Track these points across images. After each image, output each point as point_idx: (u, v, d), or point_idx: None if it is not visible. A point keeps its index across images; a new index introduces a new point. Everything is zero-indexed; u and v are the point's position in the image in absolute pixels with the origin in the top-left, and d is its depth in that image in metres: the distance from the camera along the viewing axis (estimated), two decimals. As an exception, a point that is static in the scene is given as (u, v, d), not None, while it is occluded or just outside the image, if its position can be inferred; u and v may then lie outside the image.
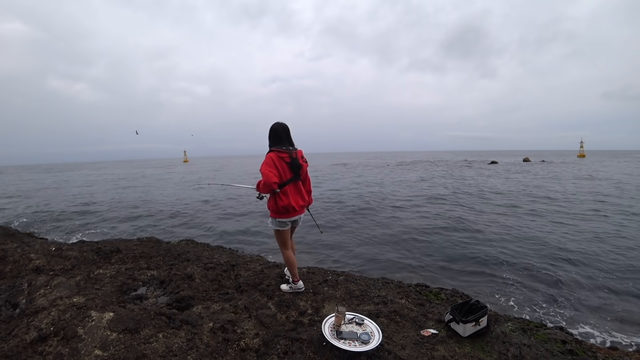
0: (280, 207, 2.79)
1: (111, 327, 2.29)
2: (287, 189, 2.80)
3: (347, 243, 7.68)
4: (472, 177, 24.44)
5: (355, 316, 2.50)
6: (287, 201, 2.78)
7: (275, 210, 2.83)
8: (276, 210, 2.82)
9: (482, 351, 2.42)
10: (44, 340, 2.16)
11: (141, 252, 4.80)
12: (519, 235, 7.97)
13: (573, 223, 9.20)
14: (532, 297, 4.76)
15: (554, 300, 4.64)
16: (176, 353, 2.14)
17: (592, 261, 6.16)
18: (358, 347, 2.13)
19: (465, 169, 34.12)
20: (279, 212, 2.82)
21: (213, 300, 3.17)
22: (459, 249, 7.08)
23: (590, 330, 3.89)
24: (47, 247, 4.68)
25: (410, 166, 42.37)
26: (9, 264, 3.87)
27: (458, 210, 11.47)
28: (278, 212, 2.83)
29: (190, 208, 13.04)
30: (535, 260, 6.20)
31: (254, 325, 2.61)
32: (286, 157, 2.78)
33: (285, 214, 2.84)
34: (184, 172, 42.11)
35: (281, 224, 2.90)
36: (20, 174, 50.32)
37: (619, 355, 2.55)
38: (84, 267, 4.03)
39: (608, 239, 7.55)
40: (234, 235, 8.80)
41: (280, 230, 2.94)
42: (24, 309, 2.68)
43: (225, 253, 5.50)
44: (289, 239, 3.07)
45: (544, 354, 2.41)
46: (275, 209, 2.82)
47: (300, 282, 3.16)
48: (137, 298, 3.27)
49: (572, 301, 4.63)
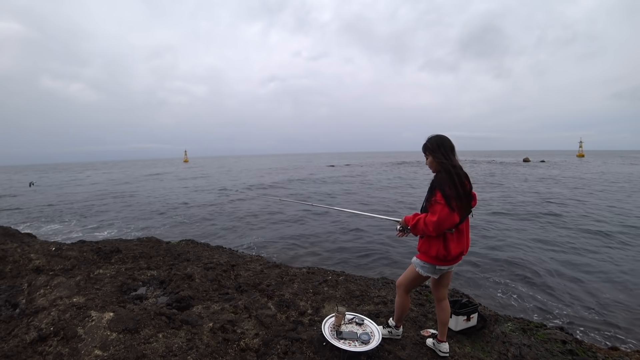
0: (451, 253, 1.99)
1: (111, 327, 2.29)
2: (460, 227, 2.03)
3: (347, 243, 7.68)
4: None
5: (355, 316, 2.50)
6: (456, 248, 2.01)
7: (436, 257, 2.02)
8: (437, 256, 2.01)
9: (482, 351, 2.42)
10: (44, 340, 2.15)
11: (141, 252, 4.79)
12: (519, 236, 7.97)
13: (572, 223, 9.22)
14: (532, 297, 4.76)
15: (554, 301, 4.64)
16: (176, 353, 2.13)
17: (592, 261, 6.16)
18: (358, 347, 2.13)
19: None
20: (440, 259, 2.03)
21: (213, 300, 3.17)
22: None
23: (590, 330, 3.89)
24: (47, 247, 4.68)
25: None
26: (9, 264, 3.87)
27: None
28: (438, 259, 2.03)
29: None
30: (535, 260, 6.20)
31: (254, 325, 2.61)
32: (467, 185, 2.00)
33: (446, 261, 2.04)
34: (198, 175, 35.96)
35: (438, 271, 2.10)
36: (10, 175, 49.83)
37: (619, 355, 2.55)
38: (84, 267, 4.03)
39: (607, 239, 7.55)
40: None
41: (429, 276, 2.15)
42: (24, 309, 2.67)
43: (225, 253, 5.50)
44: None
45: (544, 354, 2.41)
46: (437, 255, 2.01)
47: (401, 329, 2.50)
48: (137, 298, 3.27)
49: (572, 301, 4.63)
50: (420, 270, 2.11)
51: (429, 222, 1.90)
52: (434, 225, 1.88)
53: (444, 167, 1.97)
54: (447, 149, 2.00)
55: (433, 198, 1.92)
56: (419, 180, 23.87)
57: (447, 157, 1.98)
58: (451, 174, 1.92)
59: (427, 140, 2.08)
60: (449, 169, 1.94)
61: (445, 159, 1.97)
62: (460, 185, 1.91)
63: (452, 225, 1.91)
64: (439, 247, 1.98)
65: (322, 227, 9.35)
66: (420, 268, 2.11)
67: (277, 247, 7.57)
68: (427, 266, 2.08)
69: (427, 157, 2.09)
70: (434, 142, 2.03)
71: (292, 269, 4.28)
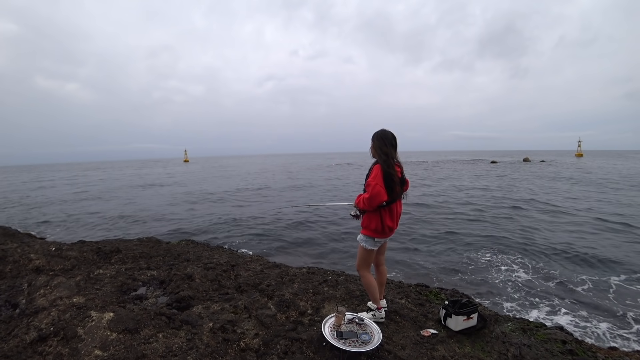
0: (386, 227, 2.46)
1: (111, 327, 2.29)
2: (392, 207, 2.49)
3: (348, 243, 7.68)
4: (467, 178, 24.45)
5: (355, 316, 2.50)
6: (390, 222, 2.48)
7: (375, 229, 2.48)
8: (376, 229, 2.47)
9: (482, 351, 2.42)
10: (44, 340, 2.15)
11: (141, 252, 4.80)
12: (519, 236, 7.98)
13: (570, 222, 9.22)
14: (532, 297, 4.76)
15: (554, 300, 4.64)
16: (176, 353, 2.14)
17: (592, 261, 6.16)
18: (358, 347, 2.13)
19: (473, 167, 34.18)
20: (378, 232, 2.48)
21: (213, 300, 3.17)
22: (459, 249, 7.08)
23: (590, 330, 3.89)
24: (47, 247, 4.68)
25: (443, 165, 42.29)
26: (9, 264, 3.87)
27: (460, 209, 11.48)
28: (377, 232, 2.48)
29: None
30: (535, 261, 6.20)
31: (254, 325, 2.61)
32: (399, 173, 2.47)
33: (382, 234, 2.51)
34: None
35: (376, 243, 2.55)
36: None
37: (619, 355, 2.55)
38: (84, 267, 4.03)
39: (605, 238, 7.56)
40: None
41: (372, 249, 2.59)
42: (24, 309, 2.67)
43: (225, 253, 5.50)
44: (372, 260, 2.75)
45: (544, 354, 2.41)
46: (376, 228, 2.47)
47: (382, 310, 2.76)
48: (137, 298, 3.27)
49: (572, 301, 4.63)
50: (365, 244, 2.54)
51: (365, 198, 2.37)
52: (367, 200, 2.34)
53: (379, 154, 2.43)
54: (387, 141, 2.43)
55: (368, 179, 2.38)
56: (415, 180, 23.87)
57: (385, 147, 2.41)
58: (383, 160, 2.37)
59: (375, 131, 2.52)
60: (382, 156, 2.39)
61: (382, 148, 2.41)
62: (390, 168, 2.34)
63: (382, 201, 2.34)
64: (377, 222, 2.44)
65: (323, 227, 9.37)
66: (365, 242, 2.54)
67: (277, 247, 7.57)
68: (368, 240, 2.52)
69: (371, 144, 2.52)
70: (379, 134, 2.47)
71: (292, 269, 4.28)
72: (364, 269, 2.63)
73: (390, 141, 2.44)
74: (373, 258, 2.69)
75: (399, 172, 2.45)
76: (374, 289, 2.65)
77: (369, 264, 2.67)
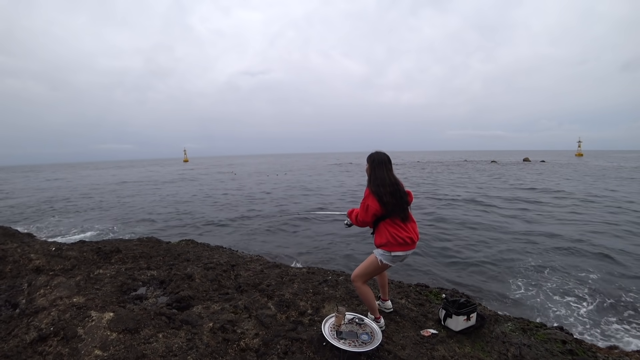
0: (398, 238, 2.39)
1: (111, 327, 2.29)
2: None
3: (348, 243, 7.68)
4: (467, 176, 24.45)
5: (355, 316, 2.50)
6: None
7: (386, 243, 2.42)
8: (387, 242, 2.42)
9: (482, 351, 2.42)
10: (44, 340, 2.16)
11: (141, 252, 4.80)
12: (519, 235, 7.98)
13: (574, 220, 9.22)
14: (532, 297, 4.76)
15: (554, 300, 4.64)
16: (176, 353, 2.14)
17: (592, 262, 6.16)
18: (358, 347, 2.13)
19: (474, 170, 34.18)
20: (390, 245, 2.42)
21: (213, 300, 3.17)
22: (459, 248, 7.08)
23: (590, 330, 3.89)
24: (47, 247, 4.68)
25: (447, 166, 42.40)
26: (9, 264, 3.87)
27: (458, 210, 11.48)
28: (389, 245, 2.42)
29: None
30: (535, 261, 6.20)
31: (254, 325, 2.61)
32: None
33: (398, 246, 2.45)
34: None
35: (394, 258, 2.45)
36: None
37: (619, 355, 2.55)
38: (84, 267, 4.03)
39: (603, 239, 7.55)
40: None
41: (386, 265, 2.49)
42: (24, 309, 2.68)
43: (225, 253, 5.50)
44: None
45: (544, 354, 2.41)
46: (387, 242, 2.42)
47: (382, 320, 2.67)
48: (137, 298, 3.27)
49: (572, 301, 4.63)
50: (381, 258, 2.45)
51: (358, 214, 2.50)
52: (361, 216, 2.46)
53: (371, 174, 2.52)
54: (380, 162, 2.52)
55: (361, 202, 2.49)
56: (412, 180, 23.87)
57: (377, 168, 2.50)
58: (375, 178, 2.47)
59: (370, 154, 2.61)
60: (374, 176, 2.49)
61: (374, 168, 2.50)
62: (382, 187, 2.40)
63: (375, 217, 2.41)
64: (387, 236, 2.40)
65: (323, 227, 9.36)
66: (381, 256, 2.45)
67: (278, 247, 7.57)
68: (385, 254, 2.43)
69: (367, 164, 2.62)
70: (374, 156, 2.58)
71: (292, 269, 4.28)
72: (360, 281, 2.53)
73: (380, 161, 2.53)
74: (377, 274, 2.63)
75: (400, 186, 2.48)
76: (372, 300, 2.58)
77: (369, 278, 2.58)
